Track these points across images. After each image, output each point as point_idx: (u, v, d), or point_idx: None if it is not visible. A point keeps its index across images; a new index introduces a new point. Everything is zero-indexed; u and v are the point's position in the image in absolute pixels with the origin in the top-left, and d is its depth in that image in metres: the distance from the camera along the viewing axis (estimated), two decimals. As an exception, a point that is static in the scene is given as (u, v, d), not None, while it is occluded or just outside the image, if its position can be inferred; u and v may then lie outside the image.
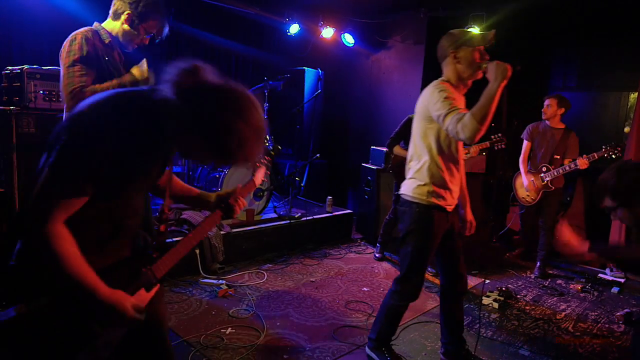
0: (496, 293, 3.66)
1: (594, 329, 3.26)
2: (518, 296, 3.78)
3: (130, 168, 1.23)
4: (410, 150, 2.45)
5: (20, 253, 1.22)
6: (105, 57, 2.48)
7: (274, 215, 4.77)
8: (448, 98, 2.14)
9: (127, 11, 2.51)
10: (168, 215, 1.46)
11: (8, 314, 1.11)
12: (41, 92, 3.39)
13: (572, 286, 4.08)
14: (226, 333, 2.87)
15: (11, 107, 3.30)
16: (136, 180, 1.30)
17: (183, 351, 2.62)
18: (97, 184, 1.17)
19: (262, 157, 1.95)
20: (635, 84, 4.90)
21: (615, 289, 4.00)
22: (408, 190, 2.40)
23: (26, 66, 3.39)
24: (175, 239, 3.66)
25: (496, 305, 3.51)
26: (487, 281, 4.12)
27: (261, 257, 4.31)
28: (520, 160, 4.43)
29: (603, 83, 5.45)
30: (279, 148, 4.62)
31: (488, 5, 4.91)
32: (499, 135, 4.21)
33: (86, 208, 1.18)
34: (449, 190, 2.37)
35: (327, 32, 5.80)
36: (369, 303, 3.45)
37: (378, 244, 4.61)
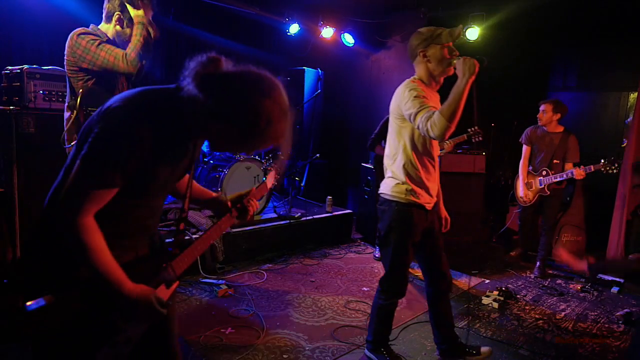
0: (496, 293, 3.66)
1: (594, 329, 3.26)
2: (518, 296, 3.78)
3: (156, 165, 1.25)
4: (386, 149, 2.47)
5: (29, 245, 1.23)
6: None
7: (274, 215, 4.77)
8: (418, 97, 2.16)
9: (117, 12, 2.61)
10: (187, 214, 1.49)
11: (39, 303, 1.12)
12: (41, 92, 3.39)
13: (572, 286, 4.08)
14: (226, 333, 2.87)
15: (11, 107, 3.29)
16: (160, 178, 1.31)
17: (183, 351, 2.61)
18: (126, 177, 1.19)
19: (273, 162, 2.00)
20: (635, 84, 4.89)
21: (615, 289, 4.00)
22: (387, 189, 2.42)
23: (26, 66, 3.39)
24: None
25: (496, 305, 3.51)
26: (487, 281, 4.12)
27: (261, 257, 4.32)
28: (520, 164, 4.41)
29: (603, 83, 5.45)
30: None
31: (488, 5, 4.91)
32: (475, 127, 4.22)
33: (111, 204, 1.21)
34: (427, 187, 2.39)
35: (327, 32, 5.80)
36: (369, 303, 3.45)
37: (377, 244, 4.62)
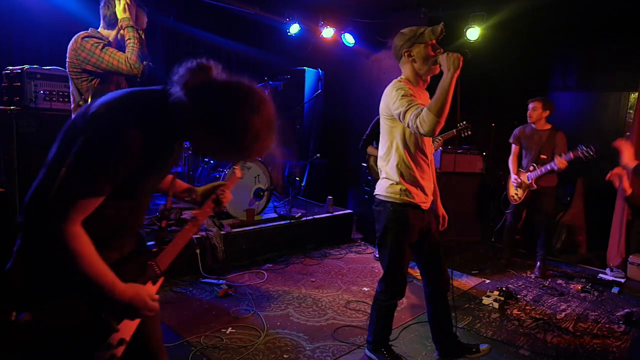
0: (496, 293, 3.66)
1: (594, 329, 3.26)
2: (518, 296, 3.77)
3: (144, 168, 1.24)
4: (380, 151, 2.48)
5: (20, 252, 1.22)
6: None
7: (274, 215, 4.77)
8: (405, 95, 2.17)
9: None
10: (169, 212, 1.49)
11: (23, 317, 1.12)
12: (41, 92, 3.39)
13: (573, 286, 4.08)
14: (226, 333, 2.87)
15: (11, 107, 3.30)
16: (148, 180, 1.32)
17: (183, 351, 2.62)
18: (115, 184, 1.18)
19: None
20: (635, 84, 4.90)
21: (615, 289, 4.00)
22: (382, 190, 2.42)
23: (26, 66, 3.39)
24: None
25: (496, 305, 3.50)
26: (488, 281, 4.12)
27: (261, 257, 4.31)
28: (509, 161, 4.50)
29: (603, 83, 5.45)
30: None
31: (488, 5, 4.91)
32: (464, 122, 4.25)
33: (99, 207, 1.20)
34: (421, 186, 2.39)
35: (328, 32, 5.80)
36: (369, 303, 3.43)
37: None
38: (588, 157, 3.78)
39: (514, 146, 4.46)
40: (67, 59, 2.69)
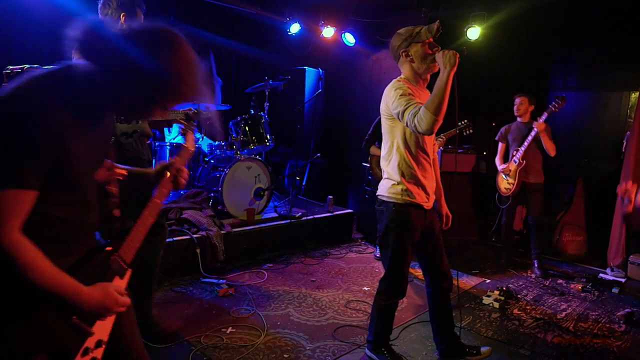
0: (497, 293, 3.66)
1: (595, 329, 3.26)
2: (519, 296, 3.77)
3: (71, 151, 1.15)
4: (382, 151, 2.48)
5: None
6: None
7: (275, 214, 4.77)
8: (404, 95, 2.18)
9: (122, 13, 2.63)
10: (117, 200, 1.43)
11: None
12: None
13: (573, 286, 4.08)
14: (227, 332, 2.87)
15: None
16: (80, 165, 1.21)
17: (183, 351, 2.62)
18: (41, 175, 1.09)
19: (191, 124, 1.95)
20: (635, 84, 4.89)
21: (615, 289, 4.00)
22: (384, 190, 2.43)
23: (27, 66, 3.37)
24: (175, 238, 3.67)
25: (497, 305, 3.50)
26: (488, 281, 4.12)
27: (262, 257, 4.31)
28: (496, 160, 4.60)
29: (603, 83, 5.44)
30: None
31: (488, 4, 4.90)
32: (465, 121, 4.29)
33: (43, 207, 1.13)
34: (423, 185, 2.39)
35: (328, 32, 5.80)
36: (370, 302, 3.43)
37: (378, 244, 4.61)
38: (560, 107, 4.08)
39: (501, 144, 4.59)
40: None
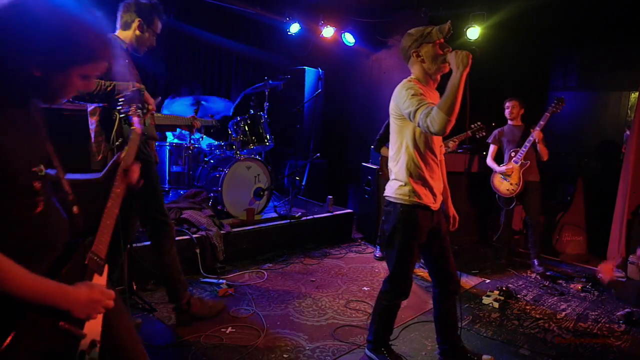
0: (497, 293, 3.66)
1: (595, 329, 3.26)
2: (518, 296, 3.77)
3: None
4: (390, 151, 2.47)
5: None
6: (125, 60, 2.66)
7: (274, 214, 4.77)
8: (415, 95, 2.18)
9: (137, 19, 2.66)
10: (73, 196, 1.37)
11: None
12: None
13: (573, 286, 4.08)
14: (226, 332, 2.87)
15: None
16: (13, 162, 1.12)
17: (183, 351, 2.62)
18: None
19: (137, 107, 1.93)
20: (635, 84, 4.89)
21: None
22: (391, 191, 2.42)
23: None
24: (175, 238, 3.66)
25: (496, 305, 3.50)
26: (488, 281, 4.12)
27: (261, 257, 4.31)
28: (488, 161, 4.63)
29: (604, 83, 5.44)
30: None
31: (488, 4, 4.90)
32: (478, 123, 4.30)
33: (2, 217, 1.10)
34: (430, 186, 2.38)
35: (328, 32, 5.79)
36: (369, 302, 3.44)
37: (378, 244, 4.61)
38: (559, 108, 4.16)
39: (492, 147, 4.63)
40: None
